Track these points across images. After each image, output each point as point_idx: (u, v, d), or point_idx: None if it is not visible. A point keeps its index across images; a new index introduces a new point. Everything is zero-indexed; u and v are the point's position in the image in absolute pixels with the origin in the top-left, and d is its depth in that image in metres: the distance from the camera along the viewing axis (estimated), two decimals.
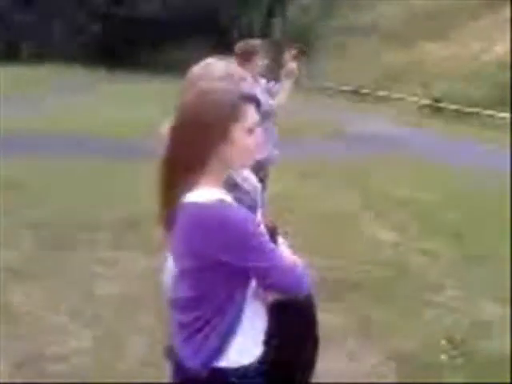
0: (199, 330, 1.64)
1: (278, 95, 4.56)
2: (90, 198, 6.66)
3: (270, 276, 1.62)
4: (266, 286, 1.67)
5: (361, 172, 9.15)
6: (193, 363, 1.66)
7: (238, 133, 1.61)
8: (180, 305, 1.71)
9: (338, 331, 3.82)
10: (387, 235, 6.05)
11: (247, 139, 1.64)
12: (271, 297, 1.73)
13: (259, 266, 1.59)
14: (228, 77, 2.03)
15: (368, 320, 4.04)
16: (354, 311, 4.15)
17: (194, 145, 1.60)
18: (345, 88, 22.90)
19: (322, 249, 5.34)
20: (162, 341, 2.06)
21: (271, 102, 4.48)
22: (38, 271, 4.59)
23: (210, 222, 1.56)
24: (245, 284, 1.65)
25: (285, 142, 5.57)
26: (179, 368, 1.73)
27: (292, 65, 4.59)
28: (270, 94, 4.60)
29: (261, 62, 4.50)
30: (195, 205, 1.59)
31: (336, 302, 4.22)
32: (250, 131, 1.64)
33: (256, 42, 4.53)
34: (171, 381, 1.79)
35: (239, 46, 4.52)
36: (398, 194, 7.76)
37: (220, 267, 1.58)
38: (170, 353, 1.79)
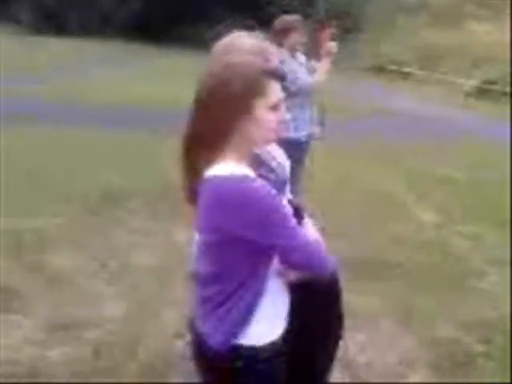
0: (220, 305, 1.62)
1: (315, 74, 4.47)
2: (123, 168, 6.67)
3: (292, 254, 1.58)
4: (288, 264, 1.63)
5: (402, 151, 8.95)
6: (213, 339, 1.64)
7: (260, 109, 1.56)
8: (202, 279, 1.68)
9: (373, 314, 3.73)
10: (429, 216, 5.89)
11: (270, 116, 1.57)
12: (294, 276, 1.68)
13: (281, 243, 1.55)
14: (255, 51, 1.95)
15: (405, 304, 3.92)
16: (391, 294, 4.03)
17: (215, 119, 1.55)
18: (389, 67, 22.43)
19: (361, 229, 5.24)
20: None
21: (308, 79, 4.40)
22: (76, 239, 4.61)
23: (232, 196, 1.51)
24: (267, 260, 1.61)
25: (326, 120, 5.45)
26: (199, 343, 1.70)
27: (330, 44, 4.48)
28: (310, 71, 4.53)
29: (299, 38, 4.44)
30: (217, 178, 1.54)
31: (373, 283, 4.12)
32: (274, 108, 1.58)
33: (294, 19, 4.46)
34: (191, 354, 1.76)
35: (277, 22, 4.46)
36: (440, 175, 7.56)
37: (241, 243, 1.54)
38: (191, 327, 1.76)
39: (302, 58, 4.62)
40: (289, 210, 1.65)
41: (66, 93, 11.73)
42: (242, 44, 2.00)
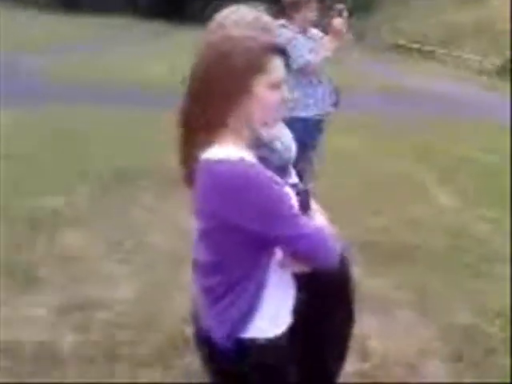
0: (222, 297, 1.53)
1: (319, 52, 4.24)
2: (141, 147, 6.61)
3: (294, 244, 1.48)
4: (290, 255, 1.52)
5: (420, 131, 8.80)
6: (216, 333, 1.56)
7: (260, 86, 1.45)
8: (201, 268, 1.59)
9: (389, 299, 3.65)
10: (448, 199, 5.77)
11: (270, 94, 1.47)
12: (297, 267, 1.58)
13: (281, 232, 1.44)
14: (255, 25, 1.85)
15: (423, 288, 3.83)
16: (409, 278, 3.95)
17: (212, 97, 1.45)
18: (409, 45, 22.06)
19: (378, 210, 5.15)
20: None
21: (310, 57, 4.20)
22: (90, 218, 4.59)
23: (227, 181, 1.41)
24: (269, 250, 1.52)
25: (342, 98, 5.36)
26: (202, 335, 1.64)
27: (337, 22, 4.24)
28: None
29: (310, 13, 4.24)
30: (211, 162, 1.45)
31: (390, 267, 4.05)
32: (274, 86, 1.47)
33: None
34: (195, 346, 1.70)
35: None
36: (459, 155, 7.43)
37: (239, 230, 1.44)
38: (194, 317, 1.69)
39: (314, 33, 4.41)
40: (290, 196, 1.55)
41: (83, 71, 11.69)
42: (241, 17, 1.92)
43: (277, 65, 1.47)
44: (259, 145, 1.68)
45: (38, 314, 3.21)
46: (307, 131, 4.26)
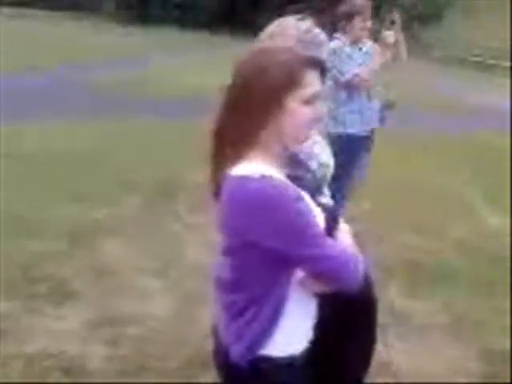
0: (241, 314, 1.52)
1: (367, 65, 4.18)
2: (182, 160, 6.66)
3: (315, 265, 1.45)
4: (311, 275, 1.50)
5: (476, 147, 8.53)
6: (234, 350, 1.55)
7: (293, 101, 1.43)
8: (223, 284, 1.59)
9: (425, 323, 3.56)
10: (498, 221, 5.56)
11: (303, 110, 1.45)
12: (318, 288, 1.55)
13: (302, 252, 1.42)
14: (303, 37, 1.82)
15: (461, 314, 3.70)
16: (446, 302, 3.83)
17: (243, 111, 1.44)
18: (469, 57, 21.47)
19: (423, 229, 5.03)
20: None
21: (356, 70, 4.12)
22: (127, 230, 4.64)
23: (250, 198, 1.40)
24: (290, 268, 1.49)
25: (398, 113, 5.28)
26: (221, 352, 1.62)
27: (387, 33, 4.20)
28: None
29: (363, 24, 4.17)
30: (237, 178, 1.43)
31: (428, 289, 3.95)
32: (308, 101, 1.45)
33: (359, 2, 4.17)
34: (214, 363, 1.69)
35: (342, 5, 4.23)
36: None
37: (260, 248, 1.43)
38: (214, 334, 1.69)
39: (368, 44, 4.34)
40: (316, 215, 1.52)
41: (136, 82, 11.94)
42: (288, 29, 1.91)
43: (312, 79, 1.46)
44: (294, 163, 1.67)
45: (69, 326, 3.26)
46: (352, 148, 4.22)
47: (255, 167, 1.43)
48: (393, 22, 4.23)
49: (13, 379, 2.79)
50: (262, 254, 1.44)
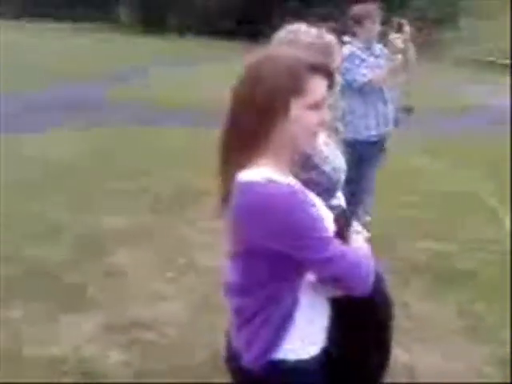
0: (252, 319, 1.52)
1: (379, 70, 4.19)
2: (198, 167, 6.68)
3: (323, 269, 1.45)
4: (321, 279, 1.50)
5: (494, 150, 8.43)
6: (247, 355, 1.55)
7: (297, 107, 1.43)
8: (233, 289, 1.59)
9: (440, 327, 3.54)
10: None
11: (309, 115, 1.45)
12: (329, 292, 1.55)
13: (309, 257, 1.42)
14: (313, 44, 1.82)
15: (475, 318, 3.67)
16: (461, 305, 3.80)
17: (250, 117, 1.44)
18: (483, 58, 21.23)
19: (439, 232, 5.02)
20: None
21: (369, 75, 4.13)
22: (143, 236, 4.67)
23: (255, 203, 1.41)
24: (299, 273, 1.49)
25: (414, 117, 5.30)
26: (233, 357, 1.63)
27: (395, 37, 4.21)
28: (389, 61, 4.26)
29: (373, 27, 4.20)
30: (243, 183, 1.44)
31: (443, 293, 3.93)
32: (314, 106, 1.45)
33: (369, 6, 4.23)
34: (227, 367, 1.70)
35: (354, 8, 4.27)
36: None
37: (270, 253, 1.43)
38: (227, 339, 1.69)
39: (377, 48, 4.37)
40: (326, 218, 1.52)
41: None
42: (298, 36, 1.92)
43: (317, 85, 1.46)
44: (308, 167, 1.69)
45: (86, 331, 3.30)
46: (366, 151, 4.25)
47: (262, 172, 1.44)
48: (400, 26, 4.23)
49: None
50: (269, 258, 1.45)
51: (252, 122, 1.44)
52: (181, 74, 14.67)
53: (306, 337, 1.55)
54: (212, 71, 14.47)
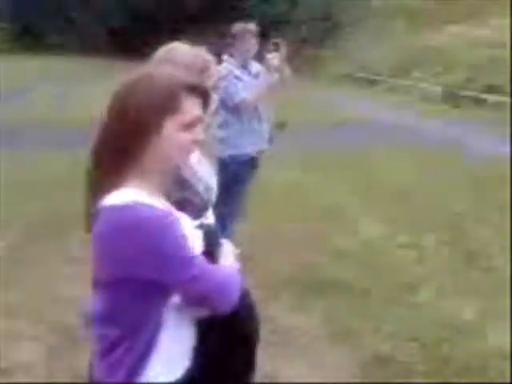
0: (116, 346, 1.48)
1: (254, 89, 4.22)
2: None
3: (186, 289, 1.46)
4: (187, 300, 1.49)
5: (361, 162, 8.92)
6: (111, 380, 1.51)
7: (171, 127, 1.44)
8: (96, 316, 1.54)
9: (305, 336, 3.72)
10: (375, 228, 5.85)
11: (181, 135, 1.46)
12: (194, 312, 1.55)
13: (172, 278, 1.42)
14: (183, 63, 1.85)
15: (340, 325, 3.87)
16: (326, 314, 4.01)
17: (121, 134, 1.42)
18: (360, 74, 22.32)
19: (307, 244, 5.26)
20: None
21: (247, 93, 4.18)
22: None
23: (118, 227, 1.39)
24: (163, 295, 1.47)
25: (287, 133, 5.43)
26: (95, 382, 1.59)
27: (272, 56, 4.26)
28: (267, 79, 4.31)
29: (248, 46, 4.27)
30: (106, 208, 1.41)
31: (310, 303, 4.12)
32: (188, 126, 1.46)
33: (249, 25, 4.29)
34: None
35: (234, 27, 4.33)
36: (396, 185, 7.48)
37: (129, 277, 1.41)
38: (90, 368, 1.66)
39: (255, 67, 4.42)
40: (191, 237, 1.50)
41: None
42: (175, 55, 1.94)
43: (192, 104, 1.47)
44: (182, 187, 1.71)
45: None
46: (240, 169, 4.28)
47: (128, 194, 1.41)
48: (276, 45, 4.30)
49: None
50: (133, 283, 1.42)
51: (123, 139, 1.42)
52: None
53: (171, 360, 1.54)
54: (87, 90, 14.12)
